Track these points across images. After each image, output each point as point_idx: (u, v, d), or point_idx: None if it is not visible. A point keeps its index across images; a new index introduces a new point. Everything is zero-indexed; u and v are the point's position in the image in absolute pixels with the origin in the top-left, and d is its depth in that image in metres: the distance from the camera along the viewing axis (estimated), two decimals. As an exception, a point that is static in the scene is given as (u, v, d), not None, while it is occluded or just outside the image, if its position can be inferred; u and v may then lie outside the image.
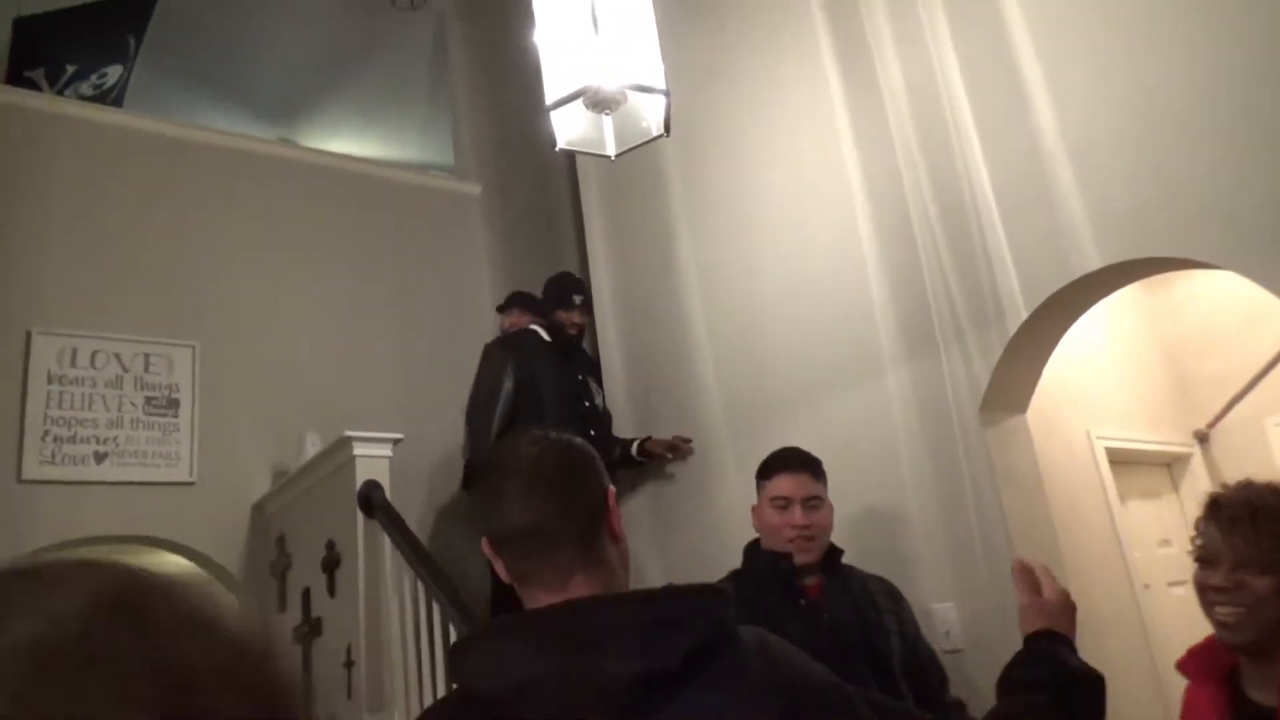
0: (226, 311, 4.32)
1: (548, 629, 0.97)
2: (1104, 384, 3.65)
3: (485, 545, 1.07)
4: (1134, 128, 2.51)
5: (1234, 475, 3.88)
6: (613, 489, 1.10)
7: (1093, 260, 2.56)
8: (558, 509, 1.03)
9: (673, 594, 1.03)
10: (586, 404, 3.87)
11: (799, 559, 2.23)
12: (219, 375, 4.20)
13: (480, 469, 1.14)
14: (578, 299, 3.91)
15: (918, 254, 2.98)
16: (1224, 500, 1.52)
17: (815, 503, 2.29)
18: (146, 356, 4.08)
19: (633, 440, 3.72)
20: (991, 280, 2.78)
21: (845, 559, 2.40)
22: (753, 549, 2.34)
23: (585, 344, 4.40)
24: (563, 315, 3.87)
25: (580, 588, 1.02)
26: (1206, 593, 1.48)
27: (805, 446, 3.13)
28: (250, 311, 4.38)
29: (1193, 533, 1.57)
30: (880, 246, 3.09)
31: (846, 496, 2.87)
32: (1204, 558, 1.50)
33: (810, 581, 2.27)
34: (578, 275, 4.55)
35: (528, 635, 0.97)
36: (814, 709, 0.98)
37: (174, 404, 4.07)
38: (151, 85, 5.81)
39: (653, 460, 3.69)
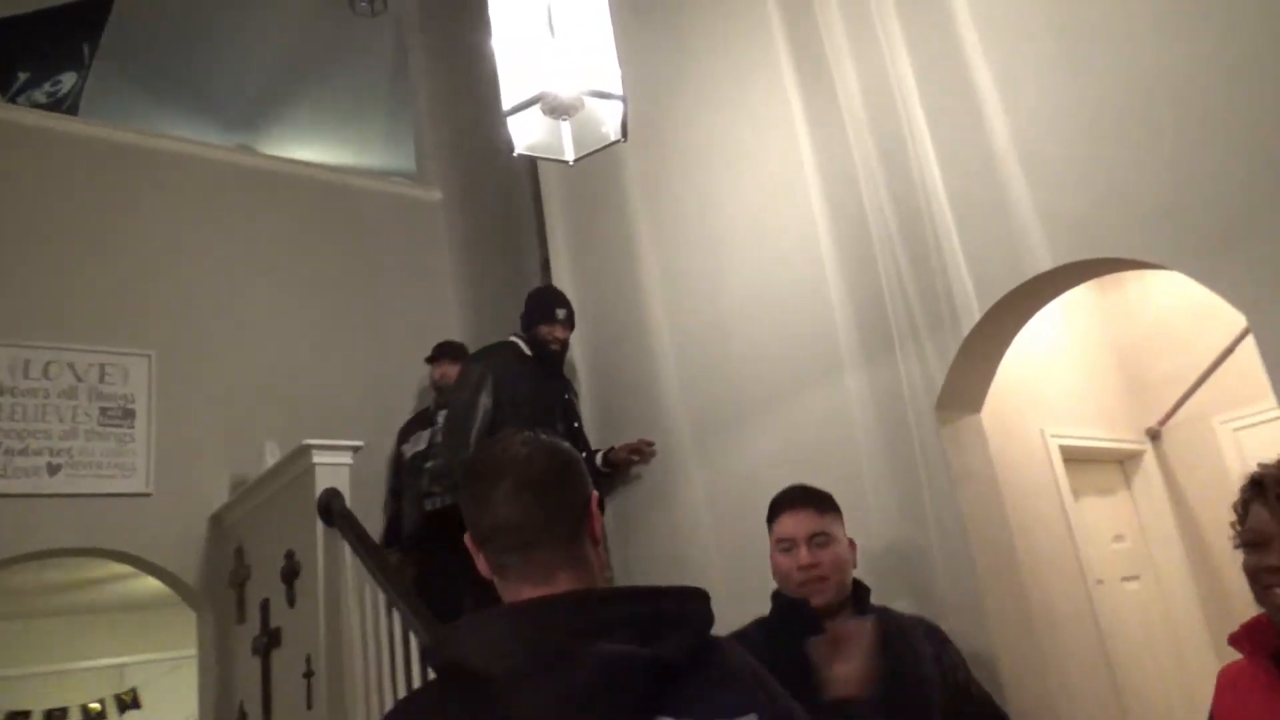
0: (184, 320, 4.27)
1: (554, 617, 0.98)
2: (1058, 383, 3.72)
3: (469, 541, 1.10)
4: (1082, 132, 2.56)
5: (1185, 470, 3.99)
6: (596, 494, 1.13)
7: (1044, 261, 2.61)
8: (544, 509, 1.06)
9: (674, 592, 1.05)
10: (575, 424, 3.72)
11: (816, 602, 2.04)
12: (176, 385, 4.15)
13: (468, 467, 1.14)
14: (561, 313, 3.72)
15: (875, 257, 3.02)
16: (1269, 478, 1.44)
17: (822, 539, 2.09)
18: (101, 367, 4.02)
19: (596, 451, 3.68)
20: (946, 282, 2.82)
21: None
22: (777, 596, 2.15)
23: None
24: (545, 330, 3.67)
25: (565, 584, 1.04)
26: (1261, 576, 1.40)
27: (767, 449, 3.19)
28: (208, 320, 4.33)
29: (1231, 519, 1.48)
30: (839, 250, 3.13)
31: (806, 497, 2.90)
32: (1254, 540, 1.42)
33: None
34: (542, 281, 4.56)
35: (531, 621, 0.99)
36: (783, 709, 1.04)
37: (129, 414, 4.01)
38: (107, 92, 5.74)
39: (618, 470, 3.68)
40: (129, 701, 6.41)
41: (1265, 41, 2.24)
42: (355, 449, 3.39)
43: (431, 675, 2.48)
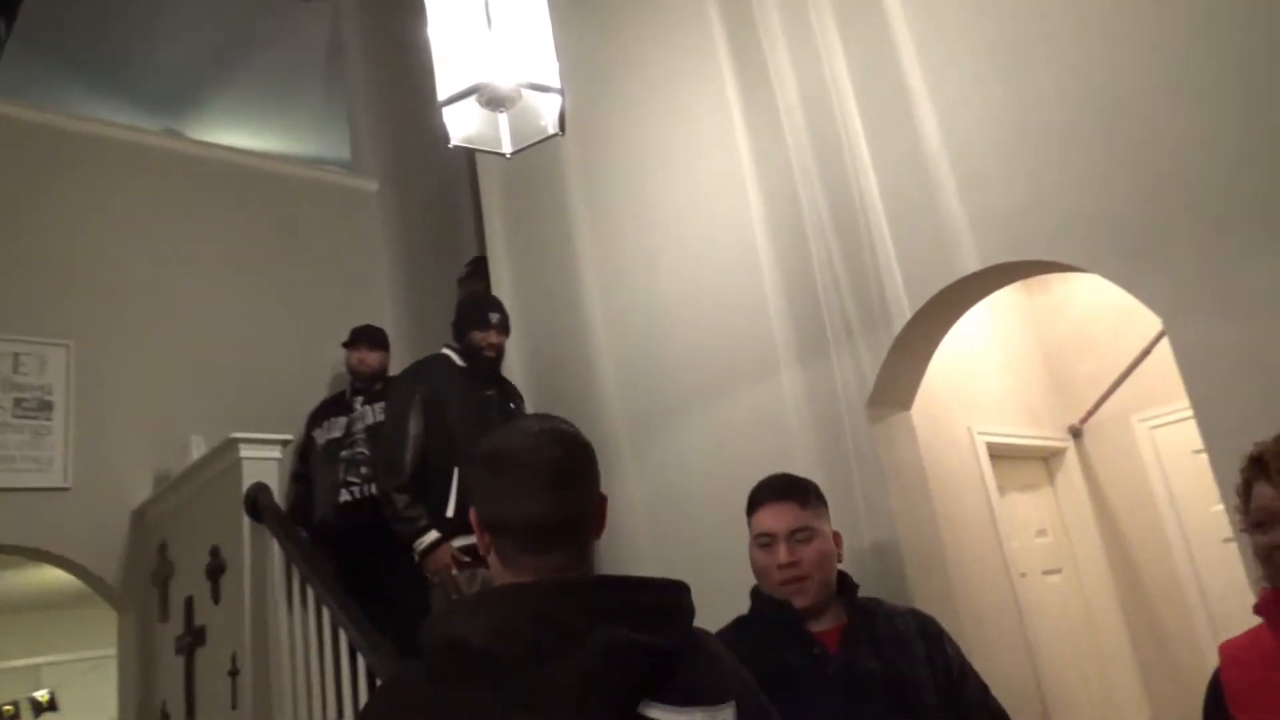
0: (105, 309, 4.13)
1: (564, 600, 1.02)
2: (986, 382, 3.81)
3: (474, 520, 1.12)
4: (1010, 135, 2.63)
5: (1105, 467, 4.12)
6: (604, 494, 1.16)
7: (972, 262, 2.67)
8: (569, 510, 1.09)
9: (666, 584, 1.10)
10: None
11: (798, 603, 1.86)
12: (96, 375, 4.01)
13: (492, 454, 1.13)
14: (494, 317, 3.50)
15: (810, 256, 3.05)
16: (1269, 454, 1.37)
17: (804, 534, 1.88)
18: (16, 356, 3.87)
19: None
20: (879, 281, 2.87)
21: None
22: (756, 594, 1.97)
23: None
24: (478, 336, 3.44)
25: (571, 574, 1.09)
26: (1276, 555, 1.34)
27: (702, 445, 3.20)
28: (131, 309, 4.19)
29: (1235, 502, 1.42)
30: (775, 248, 3.16)
31: (741, 494, 2.92)
32: (1261, 520, 1.36)
33: (824, 627, 1.88)
34: (466, 274, 4.52)
35: (541, 603, 1.02)
36: (760, 700, 1.12)
37: (46, 406, 3.87)
38: (25, 72, 5.52)
39: None
40: (45, 704, 6.19)
41: (1189, 58, 2.32)
42: (284, 443, 3.33)
43: (366, 668, 2.46)
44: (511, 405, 3.56)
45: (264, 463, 3.24)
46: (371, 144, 5.36)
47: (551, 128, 2.62)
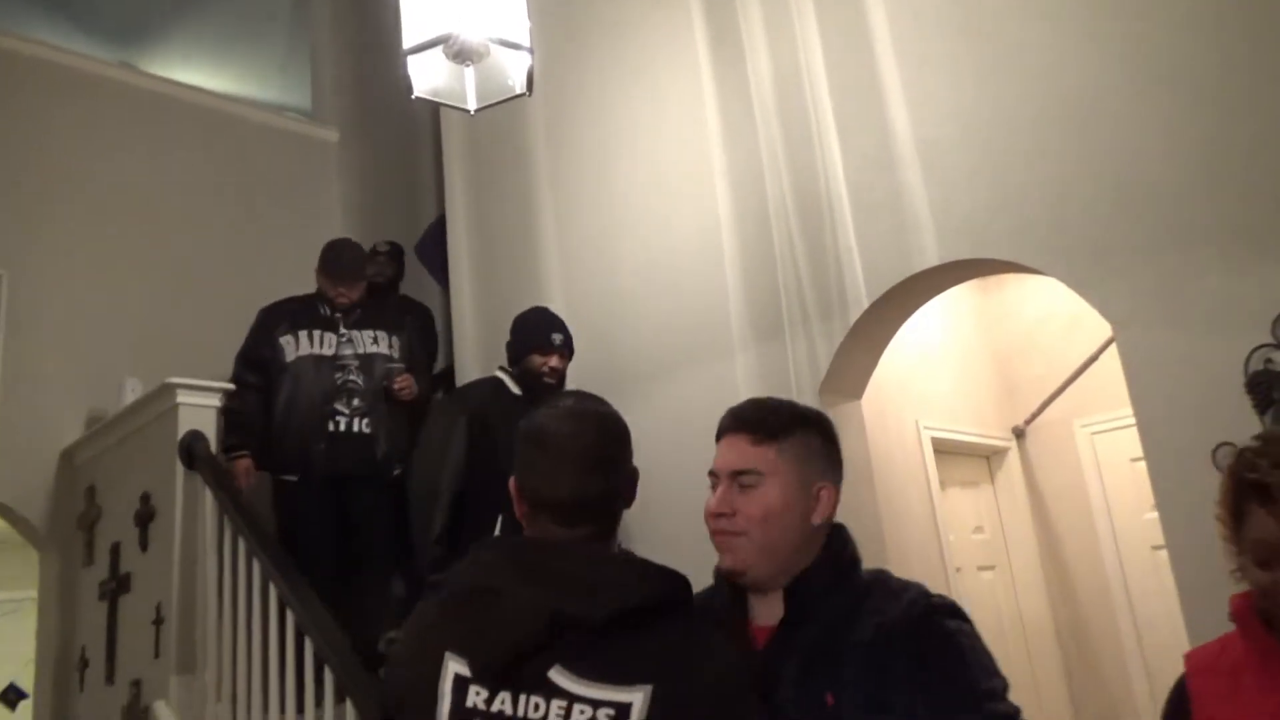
0: (43, 240, 3.98)
1: (522, 556, 1.15)
2: (936, 379, 3.84)
3: (514, 488, 1.21)
4: (978, 134, 2.63)
5: (1044, 469, 4.18)
6: (636, 468, 1.23)
7: (931, 257, 2.68)
8: (598, 490, 1.17)
9: (638, 564, 1.17)
10: None
11: (723, 564, 1.30)
12: (29, 309, 3.86)
13: (534, 432, 1.20)
14: (557, 338, 3.06)
15: (772, 240, 3.04)
16: (1274, 482, 1.18)
17: (751, 479, 1.29)
18: (-55, 283, 3.71)
19: None
20: (839, 270, 2.87)
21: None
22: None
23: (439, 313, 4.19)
24: (538, 360, 3.01)
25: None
26: None
27: (652, 423, 3.15)
28: (72, 243, 4.05)
29: (1224, 533, 1.26)
30: (738, 228, 3.14)
31: (688, 475, 2.90)
32: (1266, 558, 1.19)
33: (765, 616, 1.29)
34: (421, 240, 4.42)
35: (507, 557, 1.16)
36: (683, 693, 1.06)
37: (-26, 337, 3.73)
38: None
39: None
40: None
41: (1163, 72, 2.34)
42: (224, 391, 3.24)
43: (295, 623, 2.41)
44: None
45: (201, 410, 3.15)
46: (334, 93, 5.22)
47: (519, 87, 2.56)
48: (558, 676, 1.05)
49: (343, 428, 3.31)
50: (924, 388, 3.72)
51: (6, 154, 3.98)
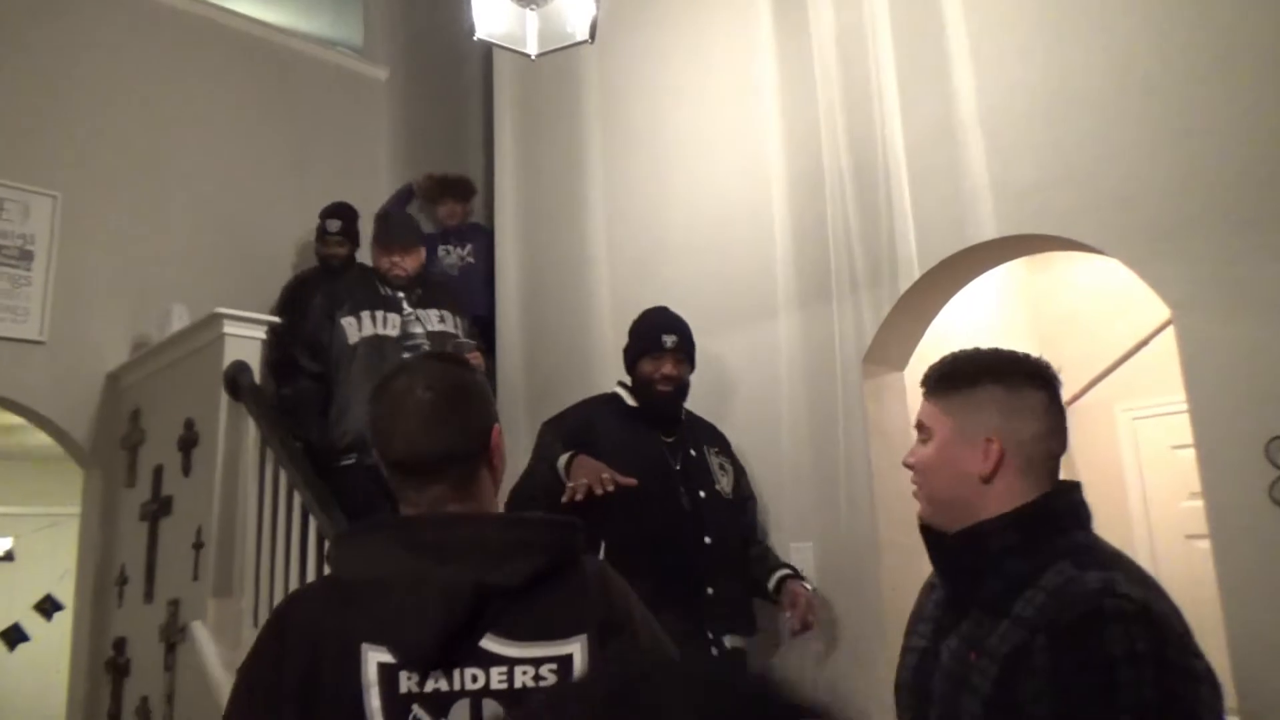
0: (98, 164, 4.02)
1: (419, 536, 1.10)
2: (978, 352, 3.80)
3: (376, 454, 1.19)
4: (1045, 106, 2.56)
5: (1082, 451, 4.14)
6: (498, 426, 1.20)
7: (988, 230, 2.63)
8: (442, 446, 1.14)
9: (532, 521, 1.19)
10: (701, 493, 2.59)
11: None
12: (82, 231, 3.92)
13: (375, 394, 1.19)
14: (669, 340, 2.65)
15: (825, 201, 3.00)
16: None
17: (924, 434, 1.36)
18: (0, 201, 3.76)
19: (775, 571, 2.63)
20: (891, 238, 2.83)
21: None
22: None
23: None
24: (648, 366, 2.65)
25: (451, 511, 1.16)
26: None
27: (694, 380, 3.13)
28: (125, 168, 4.08)
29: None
30: (790, 189, 3.10)
31: (725, 428, 2.92)
32: None
33: None
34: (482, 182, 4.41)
35: (399, 540, 1.10)
36: (625, 635, 1.13)
37: (27, 256, 3.78)
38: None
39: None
40: (1, 555, 6.21)
41: (1234, 51, 2.26)
42: (270, 324, 3.27)
43: (325, 561, 2.46)
44: (694, 453, 2.65)
45: (247, 341, 3.19)
46: (385, 29, 5.19)
47: (580, 34, 2.53)
48: (490, 644, 1.07)
49: None
50: (965, 361, 3.68)
51: (62, 79, 4.00)
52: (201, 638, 2.94)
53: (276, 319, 3.32)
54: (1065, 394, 4.24)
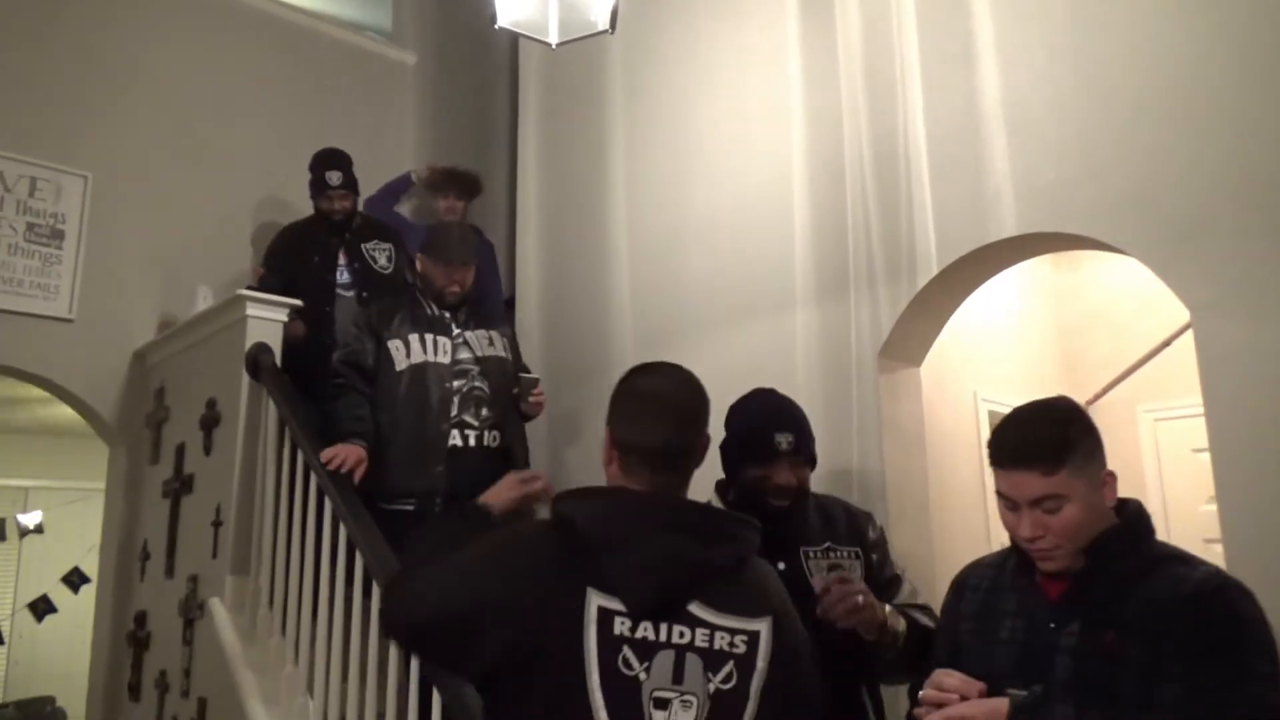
0: (128, 146, 4.07)
1: (655, 511, 1.32)
2: (998, 351, 3.78)
3: (608, 437, 1.40)
4: (1072, 103, 2.54)
5: (1101, 452, 4.11)
6: (709, 435, 1.44)
7: (1009, 227, 2.61)
8: (685, 444, 1.38)
9: (736, 517, 1.42)
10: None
11: (1046, 567, 1.45)
12: (111, 211, 3.97)
13: (630, 388, 1.45)
14: (784, 441, 1.97)
15: (845, 197, 2.99)
16: None
17: (1052, 504, 1.41)
18: (33, 180, 3.82)
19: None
20: (910, 232, 2.82)
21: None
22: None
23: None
24: (758, 475, 1.94)
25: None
26: None
27: (708, 371, 3.10)
28: (155, 150, 4.13)
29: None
30: (811, 181, 3.09)
31: (738, 423, 2.92)
32: None
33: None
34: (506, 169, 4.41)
35: (637, 510, 1.32)
36: (789, 623, 1.37)
37: (58, 234, 3.84)
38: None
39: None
40: (30, 527, 6.33)
41: (1265, 54, 2.22)
42: (292, 307, 3.31)
43: (340, 543, 2.49)
44: (781, 565, 1.79)
45: (269, 324, 3.23)
46: (414, 15, 5.21)
47: (602, 24, 2.54)
48: (697, 610, 1.27)
49: (471, 441, 2.84)
50: (985, 358, 3.66)
51: (93, 59, 4.06)
52: (219, 614, 2.99)
53: (298, 303, 3.34)
54: (1087, 393, 4.21)
